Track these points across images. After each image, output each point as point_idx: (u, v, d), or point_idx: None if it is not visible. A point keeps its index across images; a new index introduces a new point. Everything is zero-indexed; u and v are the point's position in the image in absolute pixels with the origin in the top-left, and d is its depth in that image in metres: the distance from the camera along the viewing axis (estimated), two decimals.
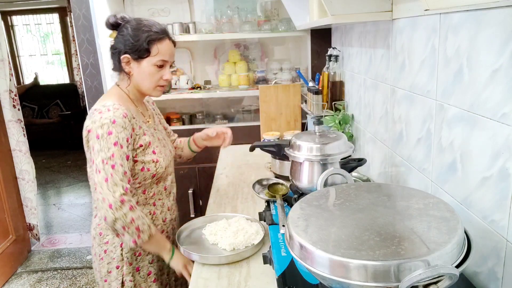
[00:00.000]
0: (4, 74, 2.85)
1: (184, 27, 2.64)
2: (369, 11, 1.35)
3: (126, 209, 1.17)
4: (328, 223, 0.80)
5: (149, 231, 1.22)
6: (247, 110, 2.82)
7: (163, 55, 1.31)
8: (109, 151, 1.19)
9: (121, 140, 1.22)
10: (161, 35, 1.31)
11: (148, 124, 1.41)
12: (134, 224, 1.19)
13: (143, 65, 1.30)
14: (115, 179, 1.18)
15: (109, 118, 1.21)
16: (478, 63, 0.87)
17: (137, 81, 1.34)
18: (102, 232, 1.35)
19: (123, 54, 1.30)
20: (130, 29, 1.29)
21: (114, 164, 1.19)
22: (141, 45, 1.28)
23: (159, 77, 1.33)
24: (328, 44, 2.43)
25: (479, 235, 0.89)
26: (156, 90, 1.36)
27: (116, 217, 1.16)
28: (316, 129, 1.29)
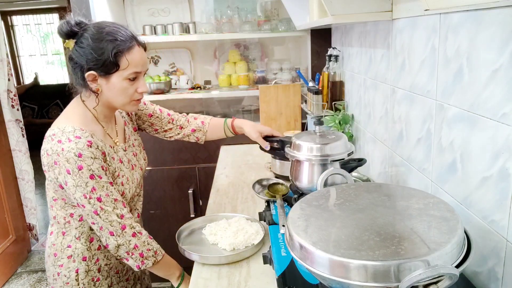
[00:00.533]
0: (4, 74, 2.85)
1: (184, 27, 2.64)
2: (369, 11, 1.35)
3: (129, 235, 1.14)
4: (328, 223, 0.80)
5: (154, 258, 1.18)
6: (247, 110, 2.82)
7: (134, 66, 1.14)
8: (87, 185, 1.10)
9: (96, 171, 1.11)
10: (129, 43, 1.13)
11: (116, 148, 1.26)
12: (138, 250, 1.15)
13: (113, 80, 1.14)
14: (107, 210, 1.12)
15: (73, 152, 1.08)
16: (478, 63, 0.87)
17: (107, 98, 1.18)
18: (57, 254, 1.25)
19: (87, 71, 1.12)
20: (91, 39, 1.11)
21: (100, 197, 1.11)
22: (106, 59, 1.10)
23: (133, 91, 1.18)
24: (328, 44, 2.43)
25: (479, 235, 0.89)
26: (131, 105, 1.21)
27: (119, 243, 1.14)
28: (316, 129, 1.29)
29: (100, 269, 1.27)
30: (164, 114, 1.52)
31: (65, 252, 1.24)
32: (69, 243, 1.24)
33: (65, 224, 1.23)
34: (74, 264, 1.24)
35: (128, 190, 1.26)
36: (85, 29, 1.13)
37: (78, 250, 1.23)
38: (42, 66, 7.06)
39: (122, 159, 1.27)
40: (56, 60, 7.10)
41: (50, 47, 7.08)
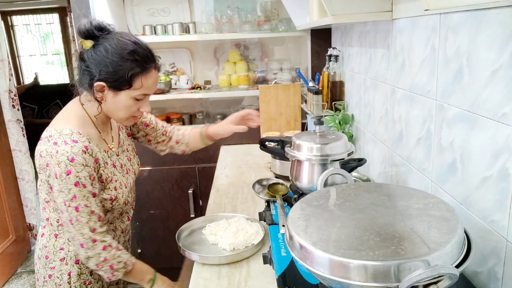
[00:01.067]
0: (4, 74, 2.85)
1: (184, 27, 2.64)
2: (369, 11, 1.35)
3: (99, 249, 1.13)
4: (328, 223, 0.80)
5: (124, 269, 1.18)
6: None
7: (146, 89, 1.15)
8: (70, 192, 1.08)
9: (82, 179, 1.09)
10: (147, 66, 1.13)
11: (110, 153, 1.25)
12: (108, 262, 1.15)
13: (120, 97, 1.13)
14: (81, 222, 1.10)
15: (66, 155, 1.07)
16: (478, 63, 0.87)
17: (108, 109, 1.17)
18: (49, 256, 1.24)
19: (97, 81, 1.10)
20: (111, 52, 1.08)
21: (78, 206, 1.09)
22: (121, 76, 1.09)
23: (135, 109, 1.18)
24: (328, 44, 2.43)
25: (479, 235, 0.89)
26: (128, 121, 1.22)
27: (88, 255, 1.13)
28: (316, 129, 1.29)
29: (92, 272, 1.27)
30: (159, 125, 1.51)
31: (58, 255, 1.24)
32: (62, 246, 1.23)
33: (58, 227, 1.22)
34: (67, 267, 1.23)
35: (121, 195, 1.25)
36: (107, 38, 1.10)
37: (71, 253, 1.23)
38: (42, 66, 7.05)
39: (116, 164, 1.26)
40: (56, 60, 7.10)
41: (50, 47, 7.08)
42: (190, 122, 2.83)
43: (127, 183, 1.30)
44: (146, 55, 1.14)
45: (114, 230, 1.32)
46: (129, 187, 1.31)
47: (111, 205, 1.23)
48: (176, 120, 2.75)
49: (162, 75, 2.76)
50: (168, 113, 2.86)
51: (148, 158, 2.57)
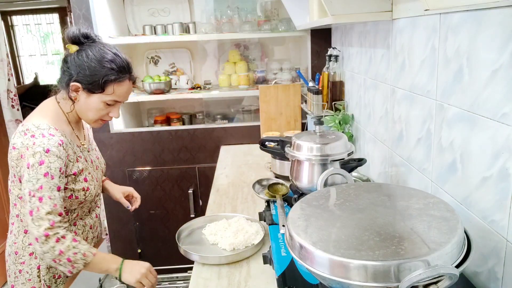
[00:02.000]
0: (4, 74, 2.85)
1: (184, 27, 2.64)
2: (369, 11, 1.35)
3: (53, 242, 1.12)
4: (328, 223, 0.80)
5: (83, 260, 1.17)
6: (247, 110, 2.83)
7: (117, 96, 1.24)
8: (38, 182, 1.12)
9: (53, 170, 1.14)
10: (122, 76, 1.22)
11: (82, 148, 1.34)
12: (64, 255, 1.14)
13: (92, 99, 1.23)
14: (41, 214, 1.12)
15: (43, 146, 1.13)
16: (478, 63, 0.87)
17: (80, 109, 1.26)
18: (18, 252, 1.28)
19: (74, 82, 1.20)
20: (91, 58, 1.19)
21: (42, 197, 1.12)
22: (96, 80, 1.19)
23: (105, 113, 1.27)
24: (328, 44, 2.43)
25: (479, 235, 0.89)
26: (96, 123, 1.30)
27: (43, 250, 1.13)
28: (316, 129, 1.29)
29: None
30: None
31: (27, 250, 1.28)
32: (31, 241, 1.23)
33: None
34: (36, 261, 1.27)
35: (93, 187, 1.32)
36: (90, 46, 1.22)
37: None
38: (42, 66, 7.05)
39: (87, 159, 1.35)
40: (56, 60, 7.10)
41: (50, 47, 7.08)
42: (190, 122, 2.83)
43: (97, 178, 1.39)
44: (122, 66, 1.23)
45: (84, 225, 1.38)
46: (99, 182, 1.41)
47: (84, 196, 1.28)
48: (176, 120, 2.76)
49: (162, 75, 2.76)
50: (168, 113, 2.86)
51: (148, 158, 2.57)
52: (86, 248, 1.19)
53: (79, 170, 1.26)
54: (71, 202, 1.27)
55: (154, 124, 2.78)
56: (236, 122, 2.73)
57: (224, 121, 2.69)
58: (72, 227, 1.34)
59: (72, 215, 1.32)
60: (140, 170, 2.58)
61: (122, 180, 2.55)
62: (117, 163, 2.55)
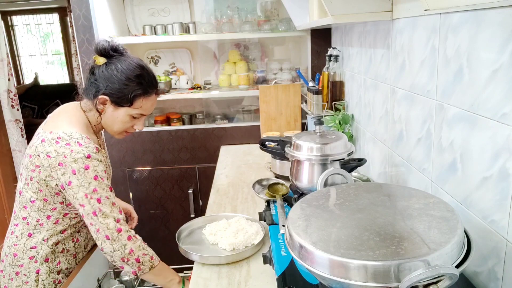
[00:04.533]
0: (4, 74, 2.85)
1: (184, 27, 2.64)
2: (369, 11, 1.35)
3: (124, 239, 1.16)
4: (328, 223, 0.80)
5: (150, 263, 1.19)
6: (247, 110, 2.82)
7: (144, 110, 1.27)
8: (90, 186, 1.15)
9: (100, 173, 1.17)
10: (150, 90, 1.25)
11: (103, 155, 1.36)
12: (134, 255, 1.16)
13: (120, 112, 1.25)
14: (105, 212, 1.15)
15: (83, 153, 1.15)
16: (478, 63, 0.87)
17: (105, 121, 1.29)
18: (18, 254, 1.26)
19: (102, 95, 1.22)
20: (121, 72, 1.21)
21: (100, 198, 1.16)
22: (125, 95, 1.21)
23: (130, 126, 1.30)
24: (328, 44, 2.43)
25: (479, 235, 0.89)
26: (121, 135, 1.33)
27: (114, 248, 1.15)
28: (316, 129, 1.29)
29: (60, 271, 1.30)
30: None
31: (27, 253, 1.26)
32: (35, 245, 1.26)
33: (36, 226, 1.26)
34: (36, 265, 1.26)
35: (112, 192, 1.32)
36: (119, 59, 1.23)
37: (42, 252, 1.26)
38: (42, 66, 7.05)
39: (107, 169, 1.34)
40: (56, 60, 7.09)
41: (50, 47, 7.07)
42: (190, 122, 2.83)
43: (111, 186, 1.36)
44: (150, 81, 1.26)
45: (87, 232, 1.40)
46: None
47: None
48: (176, 120, 2.75)
49: (162, 75, 2.76)
50: (168, 113, 2.86)
51: (148, 158, 2.57)
52: (153, 253, 1.22)
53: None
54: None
55: (154, 124, 2.78)
56: (236, 122, 2.73)
57: (224, 121, 2.69)
58: (76, 234, 1.35)
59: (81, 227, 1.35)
60: (140, 170, 2.58)
61: (122, 180, 2.55)
62: (117, 163, 2.55)
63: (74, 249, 1.36)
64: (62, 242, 1.31)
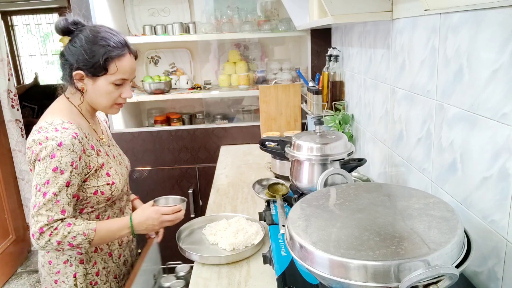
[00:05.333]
0: (4, 74, 2.85)
1: (184, 27, 2.64)
2: (369, 11, 1.35)
3: (47, 236, 1.08)
4: (328, 223, 0.80)
5: (87, 239, 1.12)
6: (247, 110, 2.83)
7: (122, 73, 1.19)
8: (45, 176, 1.08)
9: (63, 165, 1.09)
10: (121, 50, 1.17)
11: (102, 142, 1.29)
12: (64, 244, 1.09)
13: (99, 83, 1.18)
14: (41, 209, 1.07)
15: (55, 140, 1.09)
16: (478, 63, 0.87)
17: (91, 98, 1.21)
18: (52, 261, 1.23)
19: (76, 70, 1.16)
20: (85, 41, 1.15)
21: (46, 192, 1.08)
22: (96, 62, 1.14)
23: (117, 96, 1.22)
24: (328, 44, 2.43)
25: (479, 235, 0.89)
26: (113, 108, 1.25)
27: (41, 246, 1.09)
28: (316, 129, 1.29)
29: (98, 272, 1.26)
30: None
31: (61, 258, 1.22)
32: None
33: None
34: (72, 268, 1.22)
35: (119, 181, 1.26)
36: (81, 30, 1.17)
37: (74, 253, 1.22)
38: (42, 66, 7.05)
39: (108, 153, 1.29)
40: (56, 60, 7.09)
41: (50, 47, 7.08)
42: (190, 122, 2.83)
43: (122, 173, 1.31)
44: (119, 41, 1.18)
45: None
46: (124, 177, 1.33)
47: (110, 191, 1.22)
48: (176, 120, 2.76)
49: (162, 75, 2.76)
50: (168, 113, 2.86)
51: (148, 158, 2.57)
52: (83, 227, 1.12)
53: (99, 165, 1.21)
54: (98, 199, 1.21)
55: (154, 124, 2.78)
56: (236, 122, 2.73)
57: (224, 121, 2.69)
58: None
59: (104, 216, 1.26)
60: (140, 170, 2.58)
61: None
62: None
63: (108, 247, 1.29)
64: None
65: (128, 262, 1.40)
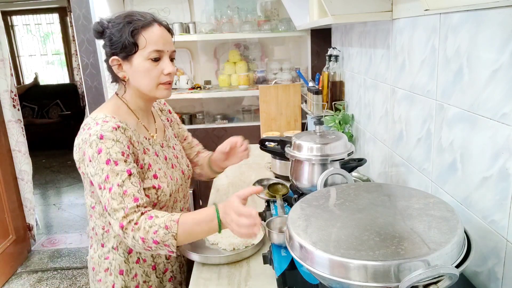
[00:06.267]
0: (4, 74, 2.85)
1: (184, 27, 2.64)
2: (369, 11, 1.35)
3: (130, 232, 0.99)
4: (328, 223, 0.80)
5: (170, 233, 0.99)
6: (247, 110, 2.83)
7: (154, 43, 1.10)
8: (103, 173, 1.02)
9: (114, 156, 1.02)
10: (145, 21, 1.11)
11: (152, 140, 1.20)
12: (148, 240, 0.99)
13: (135, 62, 1.11)
14: (113, 205, 1.00)
15: (96, 134, 1.03)
16: (478, 63, 0.87)
17: (134, 84, 1.14)
18: (95, 268, 1.18)
19: (110, 57, 1.12)
20: (111, 27, 1.11)
21: (111, 187, 1.01)
22: (125, 39, 1.08)
23: (158, 73, 1.12)
24: (328, 44, 2.43)
25: (479, 235, 0.89)
26: (160, 89, 1.14)
27: (131, 245, 1.02)
28: (316, 129, 1.29)
29: (138, 286, 1.17)
30: (193, 144, 1.50)
31: (102, 265, 1.16)
32: (107, 255, 1.15)
33: (104, 234, 1.16)
34: (111, 278, 1.15)
35: (167, 185, 1.15)
36: (109, 21, 1.13)
37: (115, 262, 1.15)
38: (42, 66, 7.05)
39: (159, 154, 1.20)
40: (56, 60, 7.09)
41: (50, 47, 7.07)
42: (190, 122, 2.83)
43: (172, 176, 1.20)
44: (141, 15, 1.12)
45: None
46: (176, 181, 1.21)
47: (156, 195, 1.12)
48: None
49: None
50: None
51: None
52: (164, 219, 1.00)
53: (145, 165, 1.12)
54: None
55: None
56: (236, 122, 2.73)
57: (224, 121, 2.69)
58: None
59: None
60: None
61: None
62: None
63: (152, 259, 1.20)
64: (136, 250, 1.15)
65: (175, 279, 1.28)
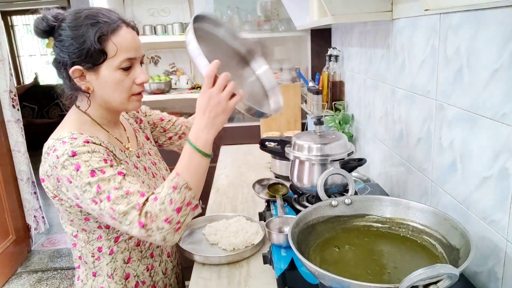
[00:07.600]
0: (4, 74, 2.85)
1: (184, 27, 2.64)
2: (369, 11, 1.35)
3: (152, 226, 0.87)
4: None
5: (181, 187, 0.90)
6: None
7: (126, 51, 0.94)
8: (92, 186, 0.88)
9: (96, 165, 0.89)
10: (114, 25, 0.93)
11: (128, 153, 1.07)
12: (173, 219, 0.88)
13: (103, 73, 0.94)
14: (120, 209, 0.87)
15: (66, 153, 0.88)
16: (478, 63, 0.87)
17: (102, 97, 0.98)
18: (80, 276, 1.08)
19: (71, 67, 0.93)
20: (69, 29, 0.92)
21: (109, 195, 0.88)
22: (90, 47, 0.91)
23: (130, 83, 0.98)
24: (328, 44, 2.43)
25: (479, 235, 0.89)
26: (132, 101, 1.00)
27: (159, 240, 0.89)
28: (316, 129, 1.29)
29: None
30: (173, 119, 1.38)
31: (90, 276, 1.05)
32: (101, 285, 1.04)
33: (95, 263, 1.04)
34: None
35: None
36: (62, 20, 0.95)
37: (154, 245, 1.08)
38: (42, 66, 7.05)
39: (137, 166, 1.08)
40: None
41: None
42: None
43: (156, 187, 1.10)
44: (107, 15, 0.94)
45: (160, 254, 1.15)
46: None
47: None
48: None
49: (162, 75, 2.76)
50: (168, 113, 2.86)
51: None
52: (166, 186, 0.90)
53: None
54: None
55: None
56: (236, 122, 2.72)
57: None
58: (148, 259, 1.10)
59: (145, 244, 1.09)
60: None
61: None
62: None
63: (151, 279, 1.11)
64: (134, 273, 1.07)
65: None
